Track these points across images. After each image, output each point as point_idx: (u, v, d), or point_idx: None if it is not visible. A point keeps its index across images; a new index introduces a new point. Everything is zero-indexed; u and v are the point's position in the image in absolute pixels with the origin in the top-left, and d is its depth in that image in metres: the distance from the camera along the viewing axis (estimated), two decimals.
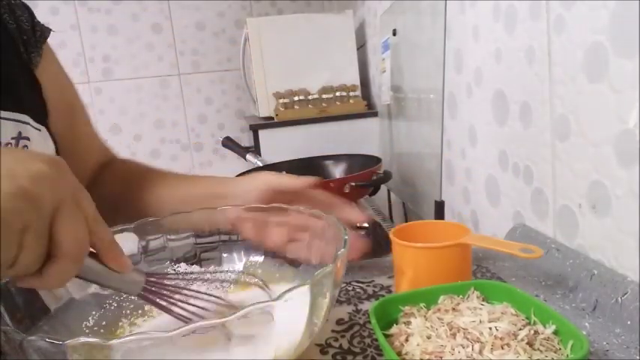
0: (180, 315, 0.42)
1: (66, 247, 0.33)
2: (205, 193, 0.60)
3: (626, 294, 0.45)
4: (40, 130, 0.56)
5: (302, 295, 0.35)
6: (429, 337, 0.39)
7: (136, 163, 0.70)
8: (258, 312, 0.32)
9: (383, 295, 0.56)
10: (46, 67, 0.60)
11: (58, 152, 0.58)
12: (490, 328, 0.38)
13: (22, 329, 0.37)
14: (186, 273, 0.52)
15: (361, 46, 1.70)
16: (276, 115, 1.48)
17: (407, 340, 0.39)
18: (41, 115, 0.57)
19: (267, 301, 0.33)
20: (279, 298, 0.33)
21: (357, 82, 1.55)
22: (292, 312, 0.35)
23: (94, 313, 0.46)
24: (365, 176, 1.02)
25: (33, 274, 0.34)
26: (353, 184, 0.98)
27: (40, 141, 0.55)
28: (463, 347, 0.37)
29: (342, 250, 0.40)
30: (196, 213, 0.54)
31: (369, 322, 0.42)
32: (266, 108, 1.52)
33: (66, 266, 0.34)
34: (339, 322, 0.50)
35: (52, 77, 0.60)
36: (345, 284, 0.59)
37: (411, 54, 1.11)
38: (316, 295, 0.36)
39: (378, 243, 1.03)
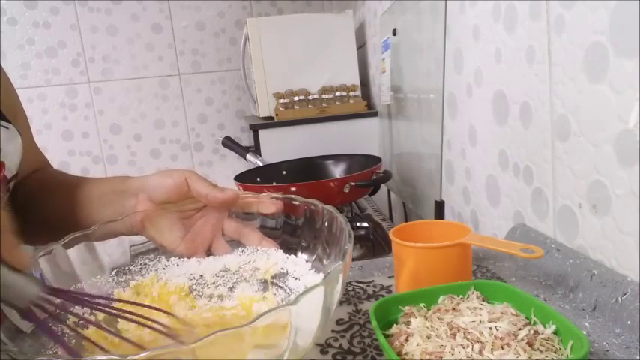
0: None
1: None
2: (107, 190, 0.58)
3: (626, 294, 0.45)
4: (8, 128, 0.56)
5: (317, 295, 0.34)
6: (429, 337, 0.39)
7: (60, 172, 0.69)
8: (275, 316, 0.31)
9: (383, 295, 0.56)
10: None
11: None
12: (490, 328, 0.38)
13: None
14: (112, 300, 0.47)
15: (361, 46, 1.70)
16: (276, 115, 1.48)
17: (407, 340, 0.39)
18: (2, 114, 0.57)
19: (284, 305, 0.32)
20: (295, 301, 0.32)
21: (357, 82, 1.55)
22: (307, 313, 0.34)
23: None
24: (365, 176, 1.02)
25: None
26: (353, 184, 0.98)
27: (9, 138, 0.55)
28: (463, 347, 0.37)
29: (349, 244, 0.40)
30: (119, 222, 0.52)
31: (369, 322, 0.42)
32: (266, 108, 1.52)
33: None
34: (339, 322, 0.50)
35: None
36: (344, 284, 0.59)
37: (411, 54, 1.11)
38: (328, 294, 0.35)
39: (378, 243, 1.04)
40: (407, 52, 1.14)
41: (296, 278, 0.49)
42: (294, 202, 0.52)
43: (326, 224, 0.49)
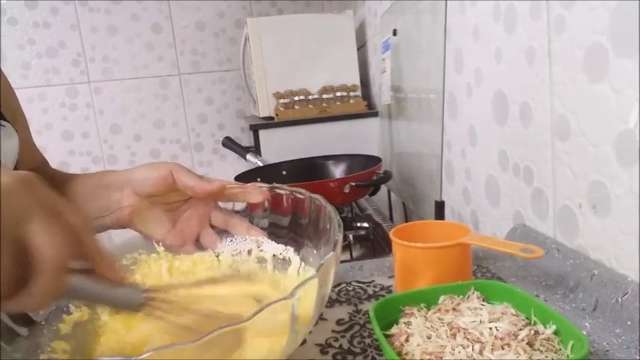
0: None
1: (43, 254, 0.31)
2: (92, 184, 0.58)
3: (626, 294, 0.45)
4: (4, 126, 0.56)
5: (311, 288, 0.34)
6: (429, 337, 0.39)
7: (53, 170, 0.69)
8: (273, 310, 0.32)
9: (383, 295, 0.56)
10: None
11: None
12: (490, 329, 0.38)
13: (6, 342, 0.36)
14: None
15: (361, 46, 1.70)
16: (276, 115, 1.48)
17: (407, 340, 0.39)
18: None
19: (281, 299, 0.32)
20: (292, 294, 0.32)
21: (357, 82, 1.55)
22: (302, 305, 0.35)
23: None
24: (365, 176, 1.02)
25: (16, 295, 0.32)
26: (353, 184, 0.98)
27: (5, 137, 0.55)
28: (463, 347, 0.37)
29: (339, 235, 0.40)
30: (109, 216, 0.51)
31: (369, 322, 0.42)
32: (266, 108, 1.52)
33: (48, 278, 0.32)
34: (339, 322, 0.50)
35: None
36: (345, 284, 0.59)
37: (411, 54, 1.11)
38: (322, 285, 0.36)
39: (378, 243, 1.04)
40: (407, 52, 1.14)
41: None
42: (279, 192, 0.52)
43: (314, 214, 0.49)
